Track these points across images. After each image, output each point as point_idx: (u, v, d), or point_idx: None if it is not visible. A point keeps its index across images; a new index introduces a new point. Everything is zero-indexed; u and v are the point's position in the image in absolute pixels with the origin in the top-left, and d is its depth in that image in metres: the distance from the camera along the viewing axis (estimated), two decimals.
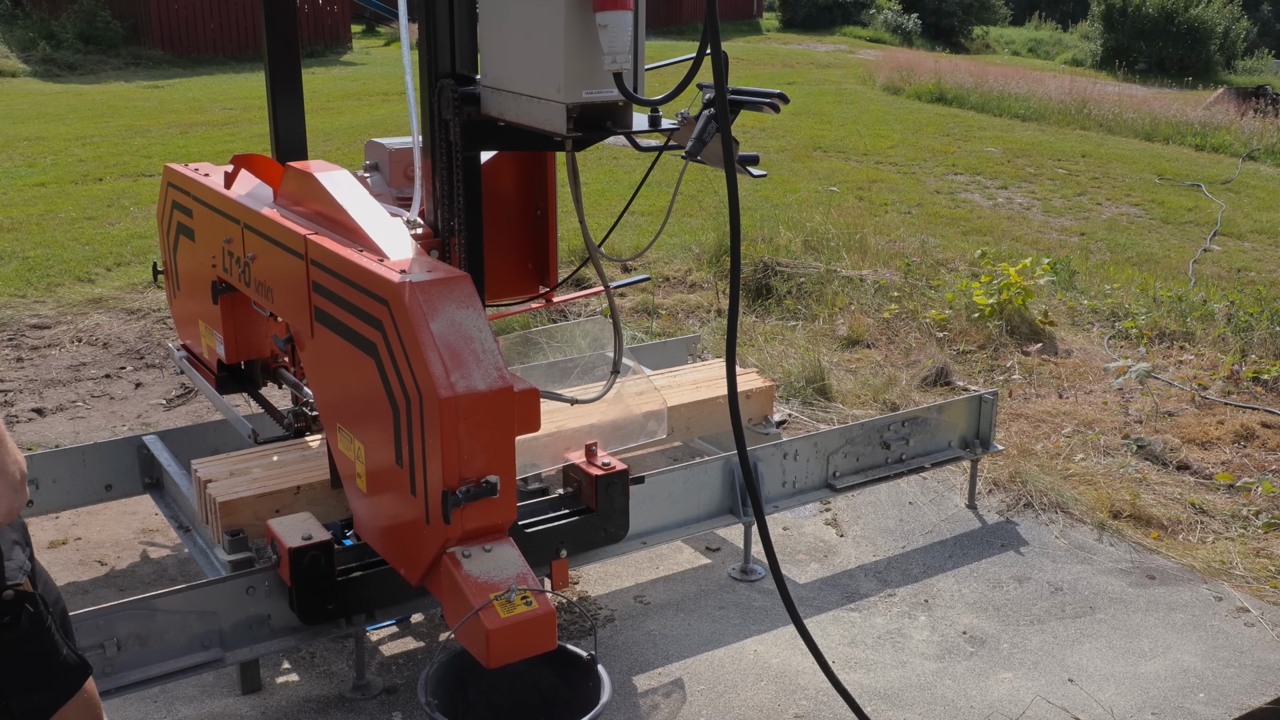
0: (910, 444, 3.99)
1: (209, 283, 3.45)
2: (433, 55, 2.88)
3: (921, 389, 5.30)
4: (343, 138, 11.66)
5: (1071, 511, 4.15)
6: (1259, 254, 8.67)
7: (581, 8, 2.42)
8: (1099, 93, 17.84)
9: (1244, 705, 3.09)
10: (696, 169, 3.47)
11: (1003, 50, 32.63)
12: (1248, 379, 5.38)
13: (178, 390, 5.19)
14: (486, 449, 2.42)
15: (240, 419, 3.58)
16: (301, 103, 3.67)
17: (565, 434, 3.26)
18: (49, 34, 19.44)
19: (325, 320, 2.77)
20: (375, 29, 26.30)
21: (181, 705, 2.97)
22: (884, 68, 19.97)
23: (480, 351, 2.43)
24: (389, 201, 3.46)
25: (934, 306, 6.36)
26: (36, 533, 3.86)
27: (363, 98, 15.28)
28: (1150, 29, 28.11)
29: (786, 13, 32.87)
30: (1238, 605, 3.58)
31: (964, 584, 3.69)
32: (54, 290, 6.53)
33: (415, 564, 2.61)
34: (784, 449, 3.70)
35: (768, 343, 5.83)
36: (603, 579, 3.65)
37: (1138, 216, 9.89)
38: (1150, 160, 12.87)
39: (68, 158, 10.68)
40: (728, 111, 2.27)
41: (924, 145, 12.87)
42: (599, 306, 6.40)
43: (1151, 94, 20.29)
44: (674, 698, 3.07)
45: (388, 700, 3.01)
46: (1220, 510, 4.19)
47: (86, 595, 3.49)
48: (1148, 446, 4.66)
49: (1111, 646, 3.36)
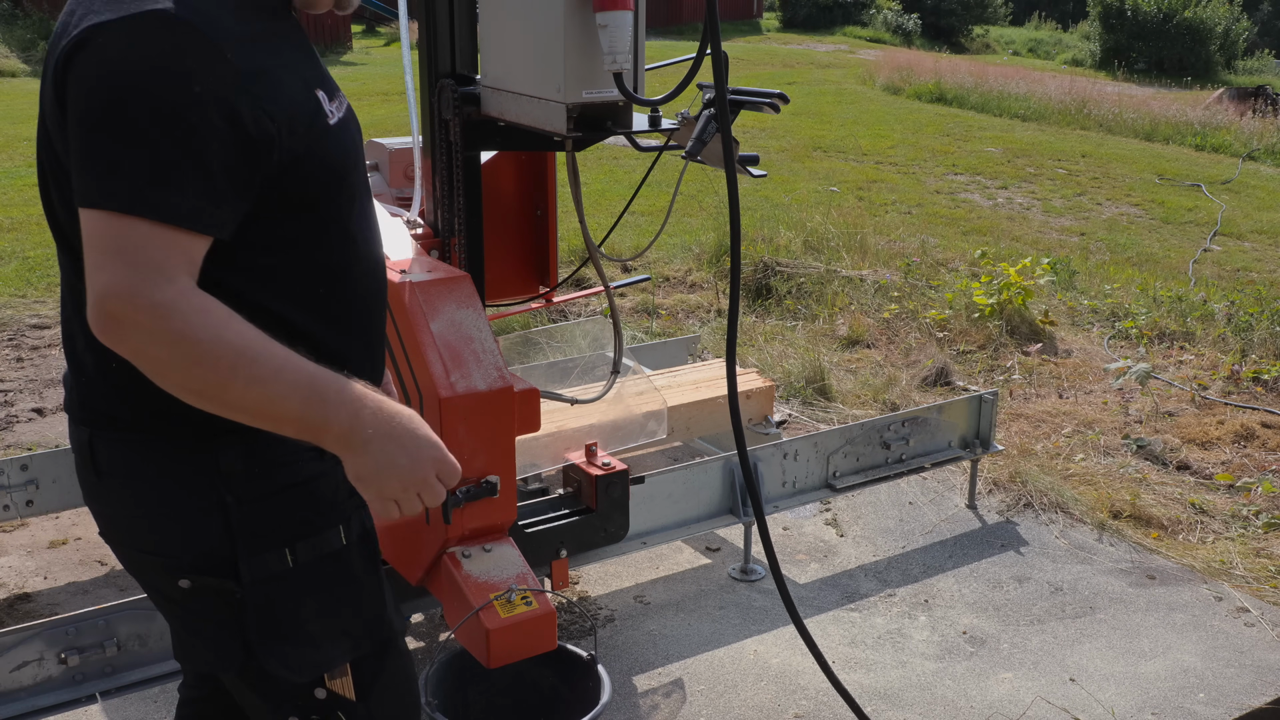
0: (910, 444, 3.99)
1: None
2: (433, 55, 2.88)
3: (921, 389, 5.30)
4: None
5: (1071, 511, 4.15)
6: (1259, 254, 8.68)
7: (581, 8, 2.42)
8: (1099, 93, 17.85)
9: (1244, 705, 3.09)
10: (696, 169, 3.47)
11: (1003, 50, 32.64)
12: (1248, 379, 5.39)
13: None
14: (486, 449, 2.42)
15: None
16: None
17: (565, 434, 3.26)
18: (49, 34, 19.40)
19: None
20: (375, 29, 26.30)
21: None
22: (884, 68, 19.97)
23: (480, 351, 2.43)
24: (389, 201, 3.46)
25: (934, 306, 6.37)
26: (36, 533, 3.86)
27: (363, 98, 15.28)
28: (1150, 29, 28.11)
29: (786, 13, 32.88)
30: (1238, 605, 3.58)
31: (964, 584, 3.69)
32: (54, 290, 6.53)
33: (415, 564, 2.61)
34: (784, 449, 3.70)
35: (768, 343, 5.83)
36: (603, 579, 3.65)
37: (1138, 216, 9.89)
38: (1150, 160, 12.87)
39: None
40: (728, 111, 2.27)
41: (924, 145, 12.87)
42: (599, 306, 6.40)
43: (1151, 94, 20.30)
44: (674, 698, 3.07)
45: None
46: (1220, 510, 4.19)
47: (86, 595, 3.49)
48: (1148, 446, 4.66)
49: (1111, 646, 3.36)
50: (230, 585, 1.54)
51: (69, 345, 1.60)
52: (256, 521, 1.55)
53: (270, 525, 1.56)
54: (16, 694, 2.59)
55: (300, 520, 1.57)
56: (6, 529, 3.87)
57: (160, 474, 1.55)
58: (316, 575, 1.59)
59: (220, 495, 1.53)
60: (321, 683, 1.61)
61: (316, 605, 1.60)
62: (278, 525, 1.56)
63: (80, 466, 1.61)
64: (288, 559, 1.56)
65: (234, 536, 1.54)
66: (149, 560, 1.61)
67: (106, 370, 1.52)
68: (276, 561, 1.56)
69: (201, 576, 1.55)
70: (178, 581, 1.56)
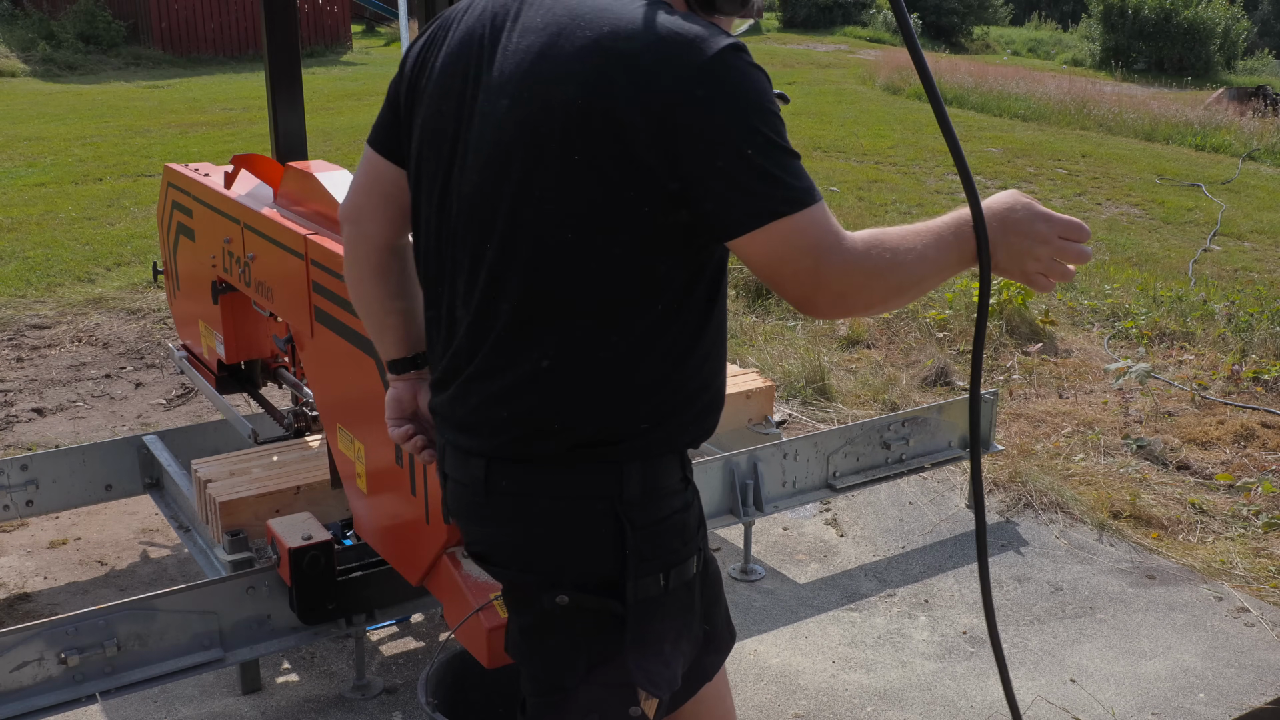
0: (910, 444, 3.99)
1: (209, 283, 3.45)
2: None
3: (921, 389, 5.30)
4: (343, 138, 11.66)
5: (1071, 511, 4.15)
6: (1259, 254, 8.67)
7: None
8: (1099, 93, 17.85)
9: (1244, 705, 3.09)
10: None
11: (1003, 50, 32.64)
12: (1248, 379, 5.39)
13: (178, 390, 5.19)
14: None
15: (240, 419, 3.58)
16: (301, 103, 3.67)
17: None
18: (49, 34, 19.44)
19: (325, 320, 2.77)
20: (375, 29, 26.31)
21: (181, 705, 2.97)
22: (884, 68, 19.97)
23: None
24: None
25: (934, 306, 6.37)
26: (36, 533, 3.86)
27: (363, 98, 15.29)
28: (1150, 29, 28.11)
29: (786, 13, 32.88)
30: (1238, 605, 3.58)
31: (964, 584, 3.69)
32: (54, 290, 6.53)
33: (415, 564, 2.61)
34: (784, 449, 3.70)
35: (768, 343, 5.84)
36: None
37: (1138, 216, 9.89)
38: (1150, 160, 12.87)
39: (68, 158, 10.69)
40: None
41: (924, 145, 12.87)
42: None
43: (1151, 94, 20.30)
44: None
45: (388, 700, 3.01)
46: (1220, 510, 4.19)
47: (86, 595, 3.49)
48: (1148, 446, 4.66)
49: (1112, 646, 3.36)
50: (612, 604, 1.63)
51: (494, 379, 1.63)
52: (646, 546, 1.63)
53: (654, 551, 1.64)
54: (16, 694, 2.58)
55: (672, 549, 1.67)
56: (6, 529, 3.87)
57: (559, 498, 1.63)
58: (676, 601, 1.69)
59: (619, 521, 1.61)
60: (637, 702, 1.69)
61: (673, 629, 1.70)
62: (659, 551, 1.65)
63: (470, 486, 1.69)
64: (661, 583, 1.65)
65: (626, 560, 1.62)
66: (528, 579, 1.69)
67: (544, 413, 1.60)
68: (654, 585, 1.65)
69: (582, 594, 1.64)
70: (555, 598, 1.65)
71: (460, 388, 1.67)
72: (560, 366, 1.57)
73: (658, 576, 1.64)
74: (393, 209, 1.80)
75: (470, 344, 1.63)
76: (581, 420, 1.58)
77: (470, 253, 1.62)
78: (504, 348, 1.60)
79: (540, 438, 1.60)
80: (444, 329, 1.70)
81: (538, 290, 1.56)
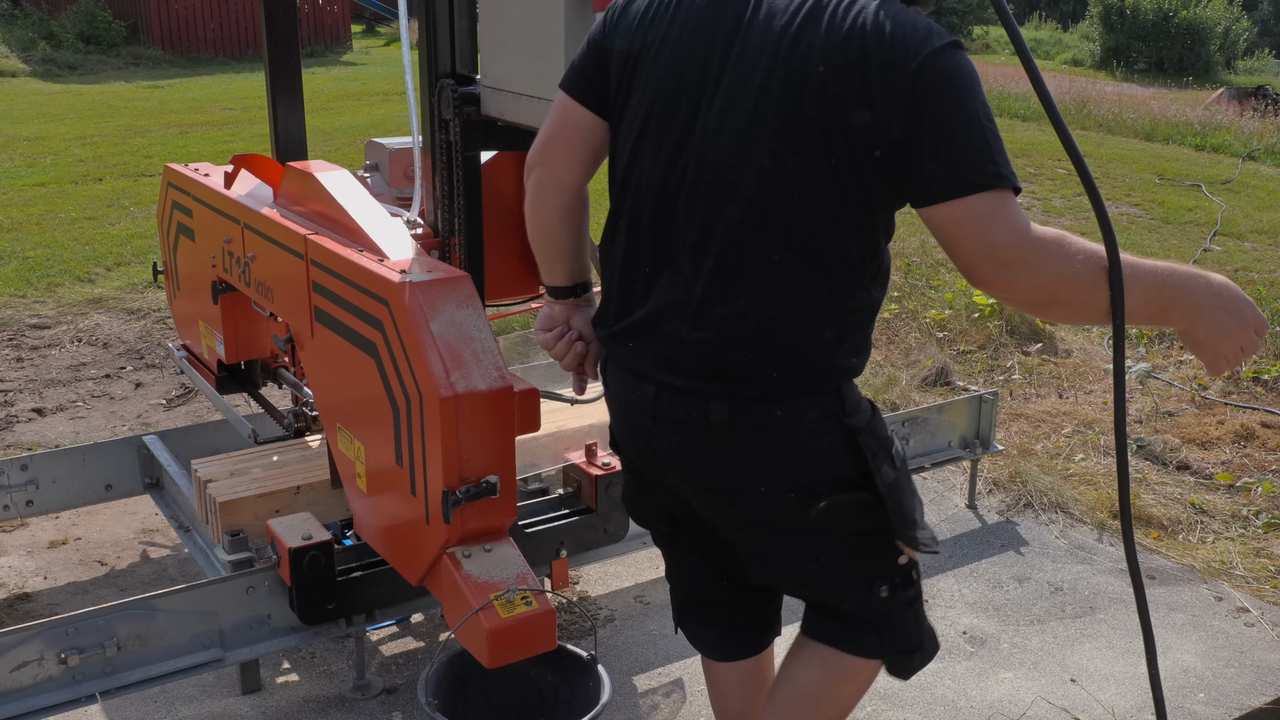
0: (910, 444, 3.99)
1: (209, 283, 3.45)
2: (433, 55, 2.88)
3: (921, 389, 5.30)
4: (343, 138, 11.66)
5: (1071, 511, 4.15)
6: (1259, 254, 8.67)
7: (581, 8, 2.42)
8: (1099, 93, 17.84)
9: (1244, 705, 3.09)
10: None
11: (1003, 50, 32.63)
12: (1248, 379, 5.39)
13: (178, 390, 5.19)
14: (487, 449, 2.42)
15: (240, 419, 3.58)
16: (301, 103, 3.67)
17: (565, 434, 3.26)
18: (49, 34, 19.44)
19: (325, 320, 2.77)
20: (375, 29, 26.30)
21: (181, 705, 2.97)
22: None
23: (480, 351, 2.43)
24: (389, 201, 3.46)
25: (934, 306, 6.37)
26: (36, 533, 3.86)
27: (363, 98, 15.28)
28: (1150, 29, 28.11)
29: None
30: (1238, 605, 3.58)
31: (964, 584, 3.69)
32: (54, 290, 6.53)
33: (415, 564, 2.61)
34: None
35: None
36: (603, 579, 3.65)
37: (1138, 216, 9.89)
38: (1150, 160, 12.86)
39: (68, 158, 10.68)
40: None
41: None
42: None
43: (1151, 94, 20.29)
44: (674, 698, 3.07)
45: (388, 700, 3.01)
46: (1220, 510, 4.19)
47: (86, 595, 3.49)
48: (1148, 446, 4.66)
49: (1111, 646, 3.36)
50: (863, 496, 1.92)
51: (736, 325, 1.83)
52: (873, 443, 1.91)
53: (879, 445, 1.93)
54: (16, 694, 2.58)
55: (887, 441, 1.95)
56: (6, 529, 3.87)
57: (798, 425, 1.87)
58: (906, 478, 1.98)
59: (849, 431, 1.89)
60: (902, 551, 2.01)
61: (912, 499, 2.00)
62: (881, 443, 1.94)
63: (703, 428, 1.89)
64: (895, 465, 1.95)
65: (864, 458, 1.90)
66: (775, 500, 1.92)
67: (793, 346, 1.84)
68: (890, 470, 1.93)
69: (836, 495, 1.91)
70: (810, 508, 1.90)
71: (689, 334, 1.85)
72: (802, 311, 1.80)
73: (891, 461, 1.93)
74: (586, 152, 2.01)
75: (708, 293, 1.82)
76: (818, 358, 1.83)
77: (710, 208, 1.80)
78: (753, 298, 1.80)
79: (788, 377, 1.83)
80: (656, 276, 1.89)
81: (793, 246, 1.76)
